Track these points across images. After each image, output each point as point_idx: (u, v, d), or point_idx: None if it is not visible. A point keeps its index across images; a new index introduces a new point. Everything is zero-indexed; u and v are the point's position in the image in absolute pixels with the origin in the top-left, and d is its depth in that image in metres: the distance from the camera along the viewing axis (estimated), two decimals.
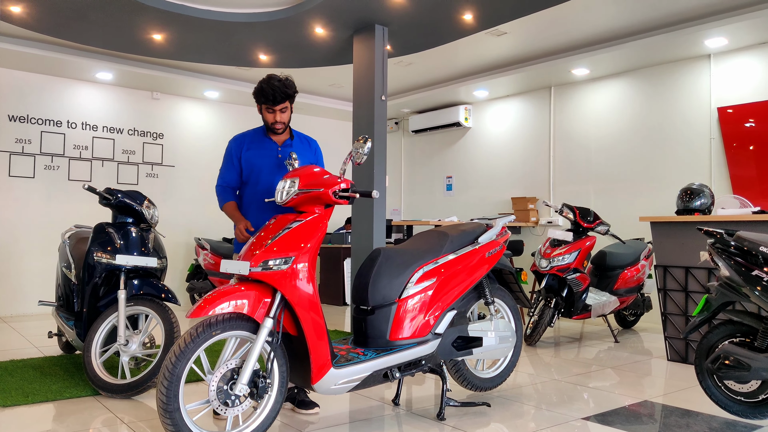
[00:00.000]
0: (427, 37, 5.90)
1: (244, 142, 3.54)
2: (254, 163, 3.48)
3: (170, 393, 2.53)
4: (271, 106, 3.42)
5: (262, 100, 3.43)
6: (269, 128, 3.51)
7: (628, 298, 6.10)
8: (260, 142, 3.53)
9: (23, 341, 5.65)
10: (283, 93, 3.40)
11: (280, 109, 3.44)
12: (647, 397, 3.86)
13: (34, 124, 7.52)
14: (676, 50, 6.58)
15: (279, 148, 3.53)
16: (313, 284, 2.84)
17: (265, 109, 3.46)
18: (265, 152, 3.51)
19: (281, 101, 3.41)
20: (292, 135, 3.61)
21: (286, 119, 3.49)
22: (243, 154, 3.51)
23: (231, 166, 3.54)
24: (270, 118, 3.46)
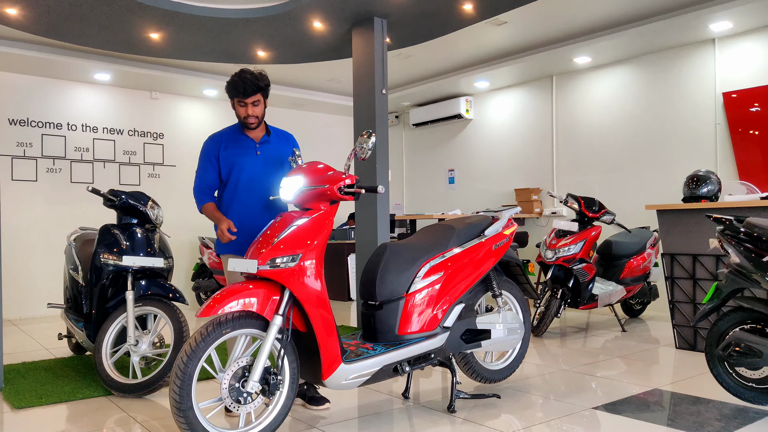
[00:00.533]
0: (427, 28, 5.88)
1: (221, 141, 3.46)
2: (234, 161, 3.41)
3: (183, 392, 2.54)
4: (243, 99, 3.34)
5: (234, 93, 3.35)
6: (242, 123, 3.42)
7: (635, 287, 6.09)
8: (237, 140, 3.46)
9: (33, 343, 5.66)
10: (254, 85, 3.32)
11: (252, 102, 3.36)
12: (656, 386, 3.86)
13: (35, 127, 7.51)
14: (680, 35, 6.54)
15: (257, 145, 3.47)
16: (321, 281, 2.84)
17: (237, 103, 3.38)
18: (244, 150, 3.44)
19: (252, 93, 3.33)
20: (269, 130, 3.53)
21: (259, 113, 3.40)
22: (221, 153, 3.44)
23: (209, 166, 3.45)
24: (242, 112, 3.38)
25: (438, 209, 9.59)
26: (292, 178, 2.94)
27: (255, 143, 3.48)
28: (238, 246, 3.38)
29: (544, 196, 8.19)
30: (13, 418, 3.40)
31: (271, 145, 3.50)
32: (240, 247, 3.36)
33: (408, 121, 10.08)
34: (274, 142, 3.52)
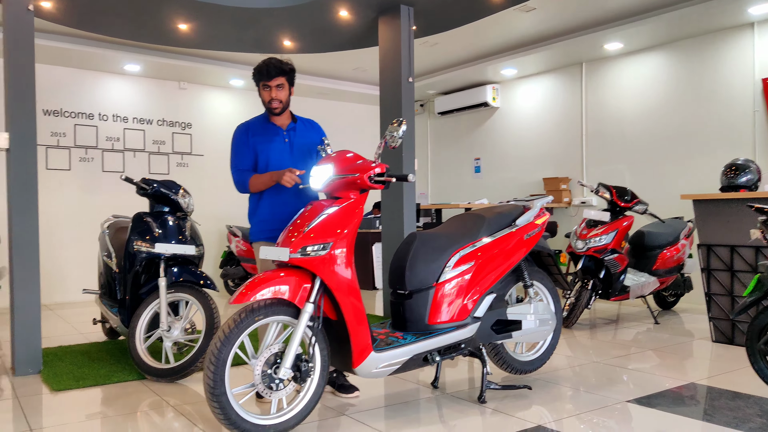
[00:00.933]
0: (454, 15, 5.81)
1: (249, 129, 3.48)
2: (261, 149, 3.43)
3: (217, 377, 2.57)
4: (266, 81, 3.36)
5: (258, 77, 3.39)
6: (267, 108, 3.44)
7: (668, 278, 5.98)
8: (265, 128, 3.48)
9: (69, 327, 5.79)
10: (277, 68, 3.34)
11: (276, 86, 3.37)
12: (692, 380, 3.79)
13: (68, 117, 7.63)
14: (717, 19, 6.36)
15: (284, 132, 3.47)
16: (352, 269, 2.85)
17: (262, 87, 3.40)
18: (271, 137, 3.45)
19: (275, 75, 3.34)
20: (295, 118, 3.54)
21: (282, 97, 3.40)
22: (251, 140, 3.45)
23: (245, 149, 3.45)
24: (266, 95, 3.39)
25: (464, 198, 9.53)
26: (321, 166, 2.93)
27: (282, 131, 3.48)
28: (269, 234, 3.39)
29: (573, 185, 8.09)
30: (53, 400, 3.49)
31: (297, 133, 3.50)
32: (272, 234, 3.38)
33: (433, 110, 10.02)
34: (301, 130, 3.52)
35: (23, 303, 4.07)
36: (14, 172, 4.06)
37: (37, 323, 4.12)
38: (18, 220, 4.07)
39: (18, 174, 4.07)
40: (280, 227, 3.30)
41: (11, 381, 3.90)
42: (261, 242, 3.43)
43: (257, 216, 3.47)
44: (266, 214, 3.42)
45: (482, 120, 9.38)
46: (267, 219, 3.42)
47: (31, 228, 4.11)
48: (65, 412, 3.28)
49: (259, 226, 3.45)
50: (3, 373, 4.14)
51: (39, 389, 3.70)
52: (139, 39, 6.23)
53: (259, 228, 3.45)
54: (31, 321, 4.09)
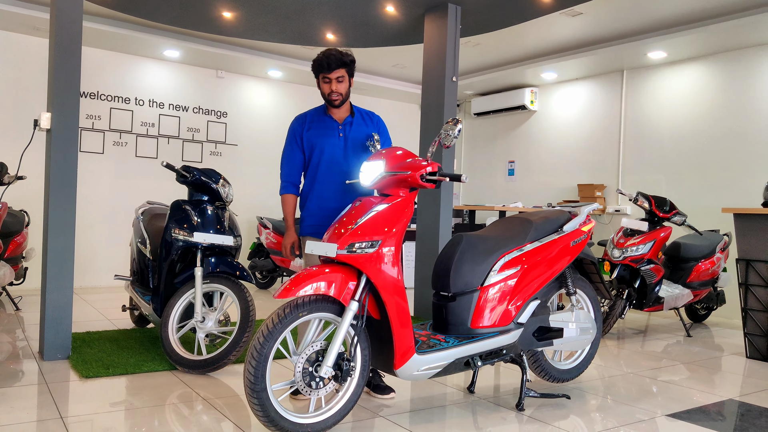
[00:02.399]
0: (501, 16, 5.73)
1: (305, 122, 3.46)
2: (315, 142, 3.40)
3: (258, 373, 2.52)
4: (327, 74, 3.30)
5: (318, 69, 3.33)
6: (327, 101, 3.40)
7: (702, 291, 5.86)
8: (321, 121, 3.44)
9: (96, 313, 5.80)
10: (338, 60, 3.29)
11: (336, 78, 3.31)
12: (730, 395, 3.69)
13: (104, 100, 7.67)
14: (762, 33, 6.21)
15: (340, 126, 3.42)
16: (399, 269, 2.79)
17: (321, 79, 3.35)
18: (326, 131, 3.41)
19: (336, 68, 3.29)
20: (353, 112, 3.48)
21: (343, 90, 3.35)
22: (305, 134, 3.43)
23: (295, 146, 3.46)
24: (326, 88, 3.35)
25: (496, 201, 9.43)
26: (372, 163, 2.88)
27: (338, 124, 3.43)
28: (317, 228, 3.37)
29: (607, 192, 7.96)
30: (82, 387, 3.47)
31: (354, 127, 3.44)
32: (319, 229, 3.36)
33: (469, 110, 9.92)
34: (358, 124, 3.46)
35: (55, 287, 4.05)
36: (55, 153, 4.06)
37: (69, 308, 4.10)
38: (56, 202, 4.06)
39: (58, 156, 4.07)
40: (327, 222, 3.29)
41: (39, 366, 3.88)
42: (308, 237, 3.42)
43: (306, 210, 3.46)
44: (314, 208, 3.41)
45: (518, 123, 9.26)
46: (314, 213, 3.41)
47: (68, 211, 4.10)
48: (95, 400, 3.26)
49: (306, 221, 3.44)
50: (29, 357, 4.14)
51: (68, 375, 3.69)
52: (181, 25, 6.22)
53: (306, 222, 3.44)
54: (63, 305, 4.07)
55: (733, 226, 5.76)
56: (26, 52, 7.17)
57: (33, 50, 7.20)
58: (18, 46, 7.13)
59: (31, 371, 3.75)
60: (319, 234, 3.35)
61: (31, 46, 7.19)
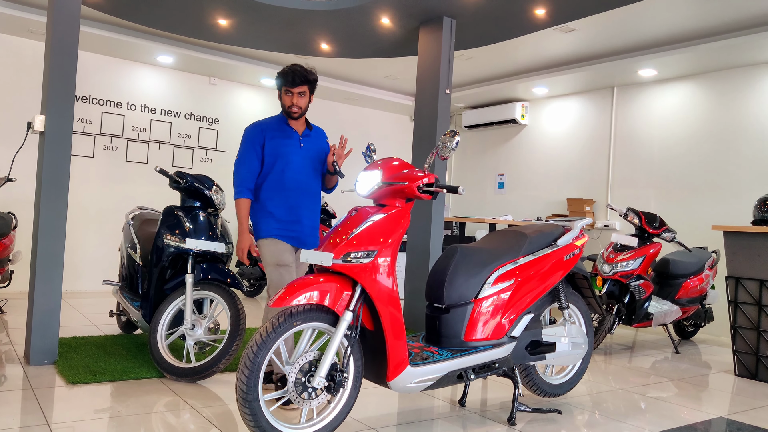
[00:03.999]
0: (495, 31, 5.77)
1: (266, 130, 3.57)
2: (279, 151, 3.53)
3: (251, 382, 2.50)
4: (290, 87, 3.49)
5: (282, 82, 3.51)
6: (286, 112, 3.56)
7: (691, 308, 5.89)
8: (283, 130, 3.58)
9: (81, 318, 5.73)
10: (302, 77, 3.49)
11: (298, 92, 3.51)
12: (721, 413, 3.71)
13: (96, 104, 7.62)
14: (752, 53, 6.31)
15: (300, 137, 3.60)
16: (394, 279, 2.78)
17: (284, 92, 3.53)
18: (289, 141, 3.56)
19: (299, 84, 3.49)
20: (310, 126, 3.68)
21: (303, 104, 3.55)
22: (267, 142, 3.54)
23: (254, 153, 3.56)
24: (287, 100, 3.53)
25: (485, 213, 9.45)
26: (369, 172, 2.87)
27: (299, 135, 3.61)
28: (278, 232, 3.54)
29: (597, 207, 8.01)
30: (68, 393, 3.42)
31: (312, 140, 3.65)
32: (285, 232, 3.55)
33: (460, 123, 9.96)
34: (314, 137, 3.68)
35: (44, 291, 4.00)
36: (48, 156, 4.02)
37: (57, 312, 4.05)
38: (47, 205, 4.02)
39: (51, 159, 4.03)
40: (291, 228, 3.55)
41: (25, 370, 3.83)
42: (269, 239, 3.55)
43: (271, 215, 3.56)
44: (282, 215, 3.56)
45: (509, 136, 9.32)
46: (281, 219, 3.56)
47: (60, 215, 4.06)
48: (81, 406, 3.21)
49: (273, 225, 3.55)
50: (14, 361, 4.08)
51: (54, 381, 3.63)
52: (177, 32, 6.21)
53: (273, 226, 3.55)
54: (51, 310, 4.02)
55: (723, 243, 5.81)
56: (20, 54, 7.12)
57: (27, 53, 7.15)
58: (12, 49, 7.08)
59: (16, 376, 3.69)
60: (284, 238, 3.53)
61: (25, 48, 7.14)
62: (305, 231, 3.59)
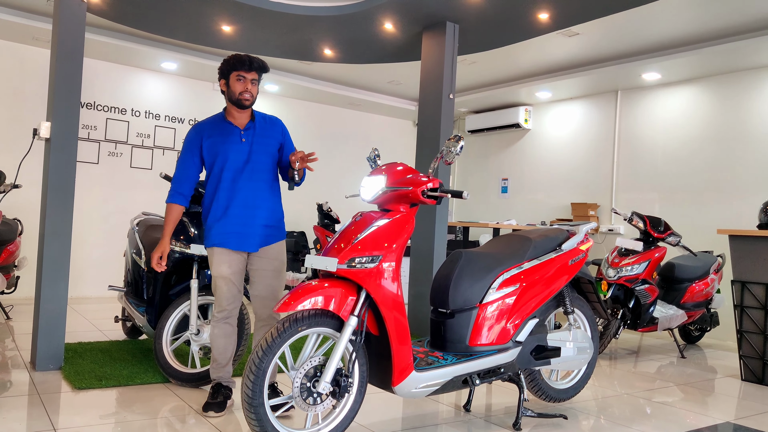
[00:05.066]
0: (499, 35, 5.78)
1: (203, 130, 3.31)
2: (217, 150, 3.26)
3: (256, 388, 2.50)
4: (245, 72, 3.22)
5: (237, 66, 3.22)
6: (235, 101, 3.25)
7: (696, 312, 5.87)
8: (221, 128, 3.30)
9: (87, 324, 5.75)
10: (258, 62, 3.24)
11: (252, 80, 3.24)
12: (727, 418, 3.69)
13: (100, 111, 7.66)
14: (757, 57, 6.30)
15: (242, 132, 3.30)
16: (399, 284, 2.78)
17: (235, 78, 3.23)
18: (227, 137, 3.27)
19: (255, 69, 3.24)
20: (254, 116, 3.36)
21: (255, 93, 3.27)
22: (204, 143, 3.28)
23: (190, 156, 3.31)
24: (239, 87, 3.22)
25: (489, 218, 9.45)
26: (373, 178, 2.88)
27: (239, 130, 3.30)
28: (225, 237, 3.24)
29: (601, 211, 7.99)
30: (74, 399, 3.43)
31: (257, 131, 3.33)
32: (226, 237, 3.24)
33: (464, 128, 9.97)
34: (260, 128, 3.35)
35: (50, 296, 4.03)
36: (54, 163, 4.05)
37: (63, 318, 4.08)
38: (53, 211, 4.05)
39: (57, 165, 4.05)
40: (232, 231, 3.23)
41: (31, 376, 3.84)
42: (216, 247, 3.27)
43: (211, 218, 3.29)
44: (218, 217, 3.26)
45: (512, 141, 9.32)
46: (219, 222, 3.26)
47: (65, 221, 4.08)
48: (87, 412, 3.22)
49: (212, 230, 3.27)
50: (20, 367, 4.09)
51: (60, 386, 3.65)
52: (181, 38, 6.24)
53: (213, 231, 3.26)
54: (57, 315, 4.05)
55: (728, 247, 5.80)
56: (25, 61, 7.16)
57: (32, 60, 7.19)
58: (18, 56, 7.12)
59: (22, 382, 3.71)
60: (225, 244, 3.23)
61: (30, 55, 7.18)
62: (249, 230, 3.23)
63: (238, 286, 3.30)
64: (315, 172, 9.38)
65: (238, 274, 3.28)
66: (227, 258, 3.24)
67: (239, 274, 3.29)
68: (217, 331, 3.31)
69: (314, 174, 9.36)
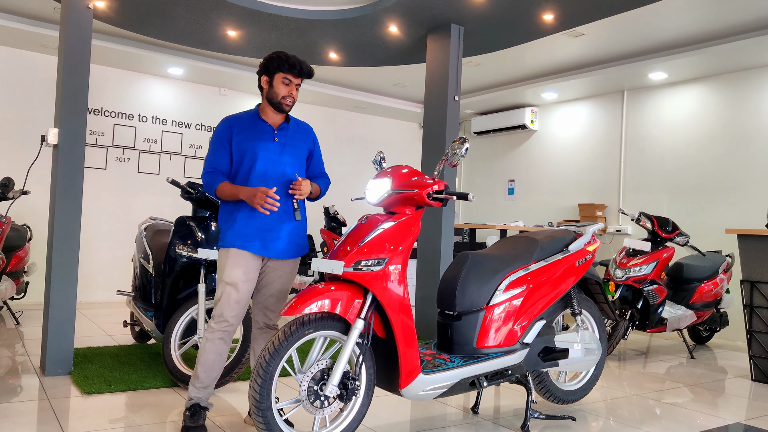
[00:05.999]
0: (504, 37, 5.77)
1: (234, 125, 3.09)
2: (247, 147, 3.04)
3: (263, 391, 2.51)
4: (293, 77, 3.02)
5: (285, 68, 3.01)
6: (276, 103, 3.05)
7: (705, 312, 5.84)
8: (253, 125, 3.09)
9: (96, 329, 5.77)
10: (309, 69, 3.06)
11: (297, 84, 3.06)
12: (737, 419, 3.67)
13: (108, 116, 7.70)
14: (764, 55, 6.27)
15: (275, 131, 3.11)
16: (405, 287, 2.78)
17: (281, 79, 3.02)
18: (260, 135, 3.07)
19: (304, 75, 3.06)
20: (288, 118, 3.18)
21: (296, 97, 3.09)
22: (234, 138, 3.06)
23: (222, 149, 3.08)
24: (285, 90, 3.02)
25: (496, 220, 9.43)
26: (378, 180, 2.89)
27: (273, 129, 3.11)
28: (248, 239, 3.01)
29: (608, 212, 7.97)
30: (83, 404, 3.44)
31: (289, 133, 3.15)
32: (249, 240, 3.02)
33: (470, 129, 9.97)
34: (293, 131, 3.18)
35: (59, 302, 4.05)
36: (62, 169, 4.07)
37: (72, 323, 4.10)
38: (61, 217, 4.07)
39: (65, 171, 4.08)
40: (258, 235, 3.02)
41: (41, 381, 3.86)
42: (233, 248, 3.02)
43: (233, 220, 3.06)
44: (244, 219, 3.03)
45: (519, 142, 9.31)
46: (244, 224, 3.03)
47: (74, 226, 4.11)
48: (96, 416, 3.24)
49: (234, 232, 3.03)
50: (30, 372, 4.11)
51: (69, 391, 3.67)
52: (187, 43, 6.27)
53: (233, 233, 3.03)
54: (66, 321, 4.07)
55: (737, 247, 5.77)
56: (33, 68, 7.21)
57: (40, 67, 7.24)
58: (25, 63, 7.17)
59: (32, 386, 3.73)
60: (246, 246, 3.00)
61: (38, 62, 7.23)
62: (274, 235, 3.03)
63: (247, 298, 3.04)
64: None
65: (250, 282, 3.02)
66: (243, 263, 2.99)
67: (251, 283, 3.03)
68: (209, 346, 3.01)
69: None
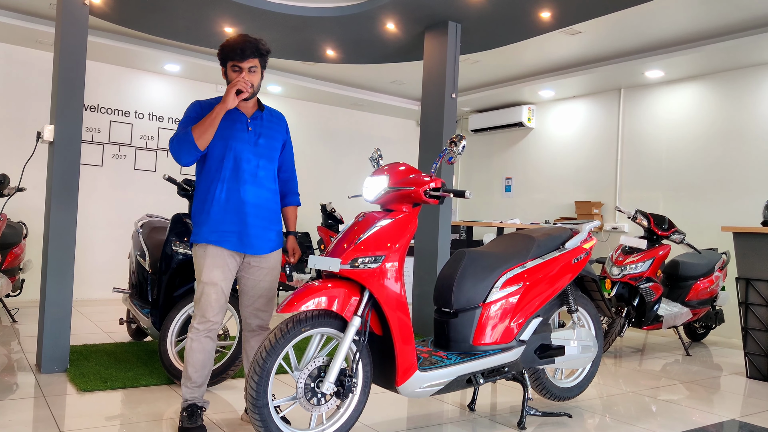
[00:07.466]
0: (501, 34, 5.78)
1: (205, 109, 2.93)
2: (220, 134, 2.90)
3: (260, 388, 2.51)
4: (239, 62, 2.84)
5: (229, 55, 2.85)
6: (237, 92, 2.83)
7: (701, 310, 5.86)
8: (227, 114, 2.93)
9: (92, 326, 5.76)
10: (253, 47, 2.85)
11: (249, 68, 2.86)
12: (733, 416, 3.68)
13: (104, 113, 7.68)
14: (763, 53, 6.28)
15: (248, 120, 2.97)
16: (402, 284, 2.78)
17: (230, 68, 2.87)
18: (232, 123, 2.93)
19: (250, 56, 2.84)
20: (262, 107, 3.05)
21: (255, 82, 2.90)
22: None
23: (192, 123, 2.88)
24: (235, 78, 2.84)
25: (493, 217, 9.45)
26: (375, 178, 2.88)
27: (246, 117, 2.98)
28: (222, 235, 2.90)
29: (605, 210, 7.98)
30: (79, 401, 3.44)
31: (263, 122, 3.02)
32: (224, 236, 2.90)
33: (467, 127, 9.97)
34: (267, 120, 3.05)
35: (55, 299, 4.04)
36: (57, 165, 4.06)
37: (68, 320, 4.08)
38: (57, 214, 4.06)
39: (61, 168, 4.07)
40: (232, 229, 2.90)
41: (37, 378, 3.85)
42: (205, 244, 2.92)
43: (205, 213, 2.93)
44: (218, 212, 2.91)
45: (516, 140, 9.31)
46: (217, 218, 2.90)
47: (70, 223, 4.09)
48: (93, 414, 3.23)
49: (207, 227, 2.90)
50: (26, 369, 4.10)
51: (65, 389, 3.66)
52: (183, 40, 6.25)
53: (207, 228, 2.90)
54: (62, 318, 4.06)
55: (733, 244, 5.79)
56: (29, 64, 7.19)
57: (36, 63, 7.22)
58: (21, 59, 7.14)
59: (28, 384, 3.72)
60: (221, 242, 2.89)
61: (34, 59, 7.20)
62: (250, 231, 2.92)
63: (227, 295, 2.96)
64: (319, 173, 9.39)
65: (229, 281, 2.94)
66: (221, 262, 2.90)
67: (230, 281, 2.95)
68: (196, 346, 2.93)
69: (318, 175, 9.38)
